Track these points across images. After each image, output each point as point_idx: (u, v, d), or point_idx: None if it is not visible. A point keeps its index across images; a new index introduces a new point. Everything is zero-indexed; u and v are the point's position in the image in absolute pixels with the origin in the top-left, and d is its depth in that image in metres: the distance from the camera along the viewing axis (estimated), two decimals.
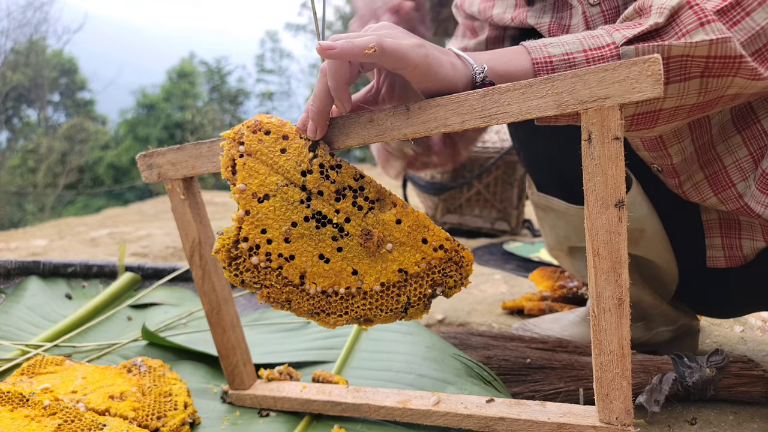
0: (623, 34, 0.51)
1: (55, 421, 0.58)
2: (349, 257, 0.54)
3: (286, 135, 0.54)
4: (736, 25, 0.52)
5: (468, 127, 0.49)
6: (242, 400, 0.70)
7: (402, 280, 0.55)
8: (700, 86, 0.53)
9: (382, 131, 0.52)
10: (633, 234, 0.77)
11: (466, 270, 0.55)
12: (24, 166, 14.51)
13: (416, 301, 0.55)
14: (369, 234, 0.53)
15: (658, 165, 0.73)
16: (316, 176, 0.53)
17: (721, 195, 0.70)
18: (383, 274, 0.55)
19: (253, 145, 0.54)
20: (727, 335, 1.04)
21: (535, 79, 0.46)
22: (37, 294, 1.05)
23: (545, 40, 0.53)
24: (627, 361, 0.50)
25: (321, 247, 0.54)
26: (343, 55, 0.47)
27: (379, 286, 0.55)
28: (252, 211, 0.54)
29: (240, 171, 0.54)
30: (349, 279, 0.55)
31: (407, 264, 0.54)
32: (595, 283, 0.49)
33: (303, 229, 0.54)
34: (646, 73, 0.43)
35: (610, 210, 0.47)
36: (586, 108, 0.45)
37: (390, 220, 0.54)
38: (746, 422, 0.73)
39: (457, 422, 0.60)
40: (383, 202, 0.54)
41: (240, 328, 0.69)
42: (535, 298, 1.22)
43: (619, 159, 0.46)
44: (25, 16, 16.39)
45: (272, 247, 0.55)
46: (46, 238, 2.66)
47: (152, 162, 0.62)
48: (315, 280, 0.55)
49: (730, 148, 0.69)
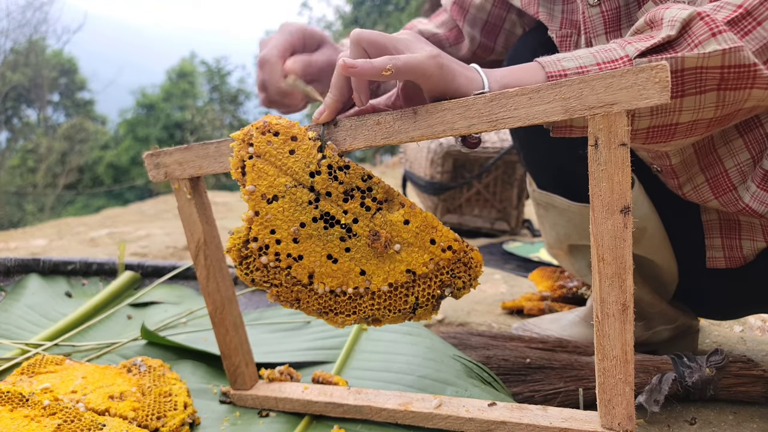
0: (636, 47, 0.51)
1: (55, 421, 0.58)
2: (357, 258, 0.55)
3: (294, 136, 0.54)
4: (747, 35, 0.52)
5: (475, 131, 0.49)
6: (244, 401, 0.70)
7: (410, 281, 0.55)
8: (717, 99, 0.53)
9: (390, 134, 0.52)
10: (634, 233, 0.76)
11: (475, 271, 0.55)
12: (24, 166, 14.52)
13: (425, 301, 0.55)
14: (377, 235, 0.53)
15: (658, 165, 0.73)
16: (324, 177, 0.53)
17: (722, 198, 0.70)
18: (391, 274, 0.55)
19: (262, 147, 0.54)
20: (726, 335, 1.05)
21: (543, 84, 0.46)
22: (37, 292, 1.05)
23: (559, 55, 0.54)
24: (630, 366, 0.50)
25: (329, 247, 0.55)
26: (362, 75, 0.49)
27: (387, 286, 0.55)
28: (261, 212, 0.55)
29: (249, 172, 0.54)
30: (357, 279, 0.55)
31: (415, 265, 0.54)
32: (600, 288, 0.49)
33: (311, 229, 0.54)
34: (654, 80, 0.43)
35: (615, 216, 0.47)
36: (593, 114, 0.45)
37: (398, 220, 0.54)
38: (746, 422, 0.73)
39: (459, 425, 0.60)
40: (391, 202, 0.54)
41: (243, 329, 0.69)
42: (535, 298, 1.22)
43: (625, 165, 0.46)
44: (25, 16, 16.39)
45: (281, 247, 0.55)
46: (45, 238, 2.66)
47: (159, 161, 0.62)
48: (323, 280, 0.56)
49: (732, 151, 0.69)
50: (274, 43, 0.68)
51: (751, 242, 0.74)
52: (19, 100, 16.78)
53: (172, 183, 0.63)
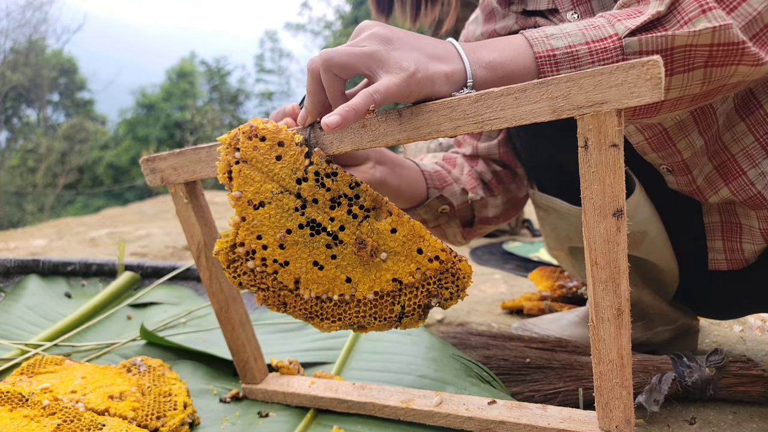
0: (626, 26, 0.50)
1: (55, 421, 0.58)
2: (343, 265, 0.54)
3: (281, 141, 0.53)
4: (734, 11, 0.51)
5: (461, 132, 0.48)
6: (254, 394, 0.71)
7: (396, 290, 0.54)
8: (704, 76, 0.53)
9: (375, 137, 0.51)
10: (635, 237, 0.76)
11: (462, 282, 0.54)
12: (23, 166, 14.52)
13: (411, 311, 0.55)
14: (363, 243, 0.53)
15: (668, 164, 0.71)
16: (311, 184, 0.53)
17: (733, 184, 0.69)
18: (377, 282, 0.54)
19: (249, 152, 0.53)
20: (726, 335, 1.05)
21: (529, 84, 0.44)
22: (37, 293, 1.05)
23: (546, 30, 0.52)
24: (627, 371, 0.50)
25: (315, 254, 0.54)
26: (349, 123, 0.48)
27: (372, 294, 0.55)
28: (248, 217, 0.54)
29: (236, 178, 0.54)
30: (342, 286, 0.55)
31: (402, 274, 0.54)
32: (594, 292, 0.48)
33: (297, 236, 0.54)
34: (645, 77, 0.41)
35: (608, 219, 0.45)
36: (582, 113, 0.43)
37: (385, 229, 0.53)
38: (745, 422, 0.73)
39: (458, 424, 0.60)
40: (379, 210, 0.54)
41: (249, 325, 0.70)
42: (535, 297, 1.22)
43: (617, 166, 0.44)
44: (25, 16, 16.39)
45: (267, 252, 0.55)
46: (45, 238, 2.66)
47: (155, 166, 0.62)
48: (309, 286, 0.56)
49: (736, 136, 0.68)
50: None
51: (752, 245, 0.73)
52: (19, 100, 16.78)
53: (168, 187, 0.63)
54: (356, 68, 0.49)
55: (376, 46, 0.49)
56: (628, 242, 0.78)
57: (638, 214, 0.74)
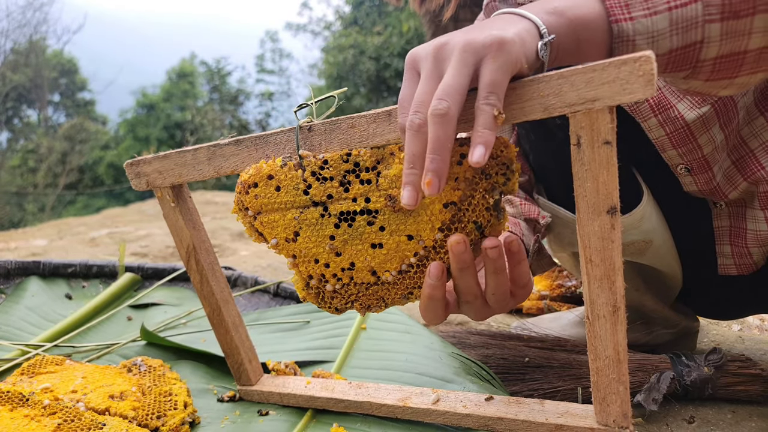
0: None
1: (55, 421, 0.58)
2: (394, 229, 0.52)
3: (270, 175, 0.54)
4: None
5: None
6: (250, 396, 0.71)
7: (454, 213, 0.51)
8: None
9: (365, 137, 0.50)
10: (639, 246, 0.76)
11: (504, 157, 0.49)
12: (24, 166, 14.52)
13: (483, 220, 0.51)
14: (392, 197, 0.51)
15: (687, 163, 0.69)
16: (315, 186, 0.53)
17: (751, 180, 0.69)
18: (433, 220, 0.51)
19: (254, 204, 0.54)
20: (725, 334, 1.05)
21: (518, 82, 0.44)
22: (37, 294, 1.06)
23: None
24: (623, 366, 0.50)
25: (366, 238, 0.53)
26: (492, 144, 0.43)
27: (439, 233, 0.52)
28: (295, 253, 0.55)
29: (264, 230, 0.55)
30: (409, 247, 0.53)
31: (447, 195, 0.50)
32: (589, 289, 0.49)
33: (341, 235, 0.54)
34: (637, 74, 0.40)
35: (602, 217, 0.45)
36: (573, 111, 0.43)
37: (401, 170, 0.50)
38: (744, 421, 0.74)
39: (456, 421, 0.60)
40: (384, 160, 0.51)
41: (243, 327, 0.70)
42: (534, 297, 1.22)
43: (610, 164, 0.43)
44: (25, 17, 16.38)
45: (332, 268, 0.55)
46: (46, 238, 2.66)
47: (140, 170, 0.61)
48: (385, 268, 0.54)
49: (755, 130, 0.67)
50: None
51: (759, 249, 0.73)
52: (19, 101, 16.78)
53: (155, 191, 0.62)
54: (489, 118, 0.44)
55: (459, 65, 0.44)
56: (632, 251, 0.78)
57: (645, 223, 0.73)
